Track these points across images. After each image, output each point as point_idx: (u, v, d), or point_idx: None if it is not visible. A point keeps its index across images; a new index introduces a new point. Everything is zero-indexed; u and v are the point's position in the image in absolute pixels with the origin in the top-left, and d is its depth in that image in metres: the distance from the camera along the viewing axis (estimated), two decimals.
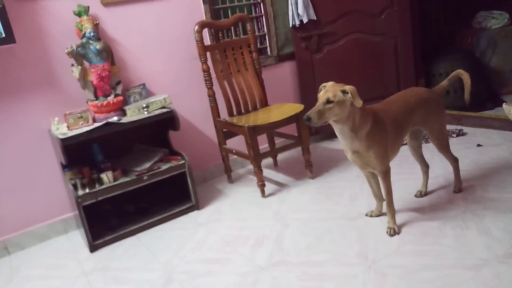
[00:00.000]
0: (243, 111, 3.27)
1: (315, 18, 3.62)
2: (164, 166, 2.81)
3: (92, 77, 2.71)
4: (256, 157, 2.89)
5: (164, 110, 2.80)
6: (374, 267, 1.99)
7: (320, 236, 2.35)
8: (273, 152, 3.32)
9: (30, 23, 2.68)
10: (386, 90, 3.93)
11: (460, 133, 3.53)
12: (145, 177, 2.73)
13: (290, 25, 3.64)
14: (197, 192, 2.98)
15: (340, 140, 2.17)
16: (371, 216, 2.47)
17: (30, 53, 2.70)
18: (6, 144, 2.71)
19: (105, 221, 2.82)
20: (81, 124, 2.63)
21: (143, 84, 3.01)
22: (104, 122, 2.63)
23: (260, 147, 2.97)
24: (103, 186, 2.63)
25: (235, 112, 3.26)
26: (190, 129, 3.35)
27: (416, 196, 2.59)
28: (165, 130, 3.01)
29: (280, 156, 3.69)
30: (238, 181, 3.38)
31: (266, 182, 3.07)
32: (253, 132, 2.85)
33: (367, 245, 2.18)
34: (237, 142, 3.29)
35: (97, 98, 2.75)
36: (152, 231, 2.76)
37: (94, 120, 2.71)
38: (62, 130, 2.60)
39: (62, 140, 2.46)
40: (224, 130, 3.22)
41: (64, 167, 2.70)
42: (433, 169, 2.63)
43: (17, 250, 2.80)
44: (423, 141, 2.58)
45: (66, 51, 2.63)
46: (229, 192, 3.19)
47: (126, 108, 2.77)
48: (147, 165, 2.80)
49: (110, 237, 2.68)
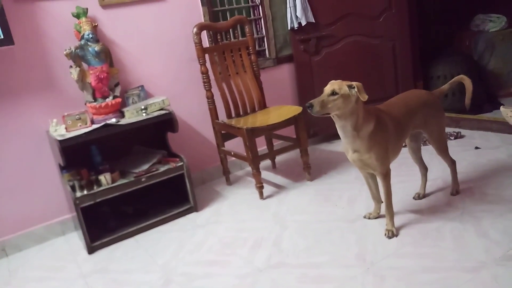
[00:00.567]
0: (242, 113, 3.28)
1: (314, 21, 3.63)
2: (163, 168, 2.81)
3: (91, 79, 2.71)
4: (255, 159, 2.89)
5: (163, 112, 2.80)
6: (373, 269, 1.99)
7: (319, 238, 2.35)
8: (272, 154, 3.32)
9: (29, 25, 2.68)
10: (385, 93, 3.94)
11: (458, 136, 3.54)
12: (143, 179, 2.73)
13: (289, 28, 3.65)
14: (196, 194, 2.98)
15: (342, 139, 2.17)
16: (369, 218, 2.47)
17: (29, 55, 2.70)
18: (4, 146, 2.70)
19: (103, 223, 2.81)
20: (80, 126, 2.62)
21: (142, 86, 3.01)
22: (103, 124, 2.62)
23: (259, 149, 2.97)
24: (101, 188, 2.62)
25: (234, 114, 3.26)
26: (189, 131, 3.35)
27: (415, 199, 2.60)
28: (164, 132, 3.00)
29: (279, 158, 3.69)
30: (237, 183, 3.38)
31: (265, 184, 3.07)
32: (252, 134, 2.85)
33: (366, 247, 2.18)
34: (236, 144, 3.29)
35: (96, 100, 2.75)
36: (151, 233, 2.75)
37: (93, 122, 2.70)
38: (61, 132, 2.60)
39: (60, 142, 2.45)
40: (223, 132, 3.22)
41: (62, 169, 2.70)
42: (432, 171, 2.64)
43: (15, 252, 2.79)
44: (422, 144, 2.58)
45: (65, 53, 2.63)
46: (228, 194, 3.18)
47: (125, 110, 2.77)
48: (146, 167, 2.80)
49: (108, 239, 2.67)
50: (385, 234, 2.25)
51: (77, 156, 2.68)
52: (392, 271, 1.95)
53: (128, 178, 2.72)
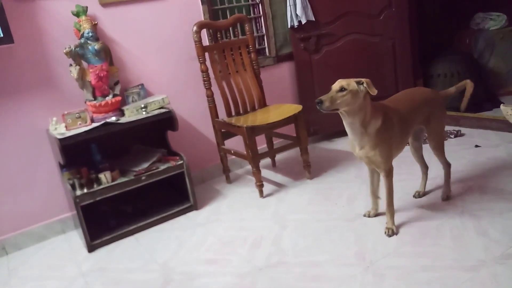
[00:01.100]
0: (242, 112, 3.27)
1: (314, 19, 3.62)
2: (162, 167, 2.81)
3: (91, 77, 2.71)
4: (255, 158, 2.89)
5: (163, 111, 2.80)
6: (372, 268, 1.99)
7: (319, 237, 2.35)
8: (272, 153, 3.32)
9: (29, 23, 2.67)
10: (385, 91, 3.91)
11: (458, 134, 3.54)
12: (143, 177, 2.73)
13: (289, 26, 3.65)
14: (196, 193, 2.98)
15: (349, 136, 2.19)
16: (369, 217, 2.47)
17: (29, 53, 2.70)
18: (4, 144, 2.70)
19: (103, 222, 2.81)
20: (79, 124, 2.62)
21: (142, 84, 3.01)
22: (102, 122, 2.62)
23: (259, 148, 2.97)
24: (101, 186, 2.62)
25: (234, 113, 3.26)
26: (189, 130, 3.35)
27: (415, 197, 2.60)
28: (164, 131, 3.00)
29: (279, 157, 3.69)
30: (237, 182, 3.38)
31: (265, 183, 3.07)
32: (252, 133, 2.85)
33: (366, 246, 2.19)
34: (236, 143, 3.29)
35: (96, 98, 2.75)
36: (150, 232, 2.75)
37: (92, 120, 2.70)
38: (60, 130, 2.60)
39: (60, 140, 2.45)
40: (223, 131, 3.22)
41: (62, 167, 2.70)
42: (431, 170, 2.63)
43: (15, 251, 2.79)
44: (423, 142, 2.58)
45: (65, 51, 2.63)
46: (228, 193, 3.19)
47: (125, 108, 2.77)
48: (145, 165, 2.80)
49: (108, 238, 2.67)
50: (385, 232, 2.26)
51: (77, 155, 2.68)
52: (392, 270, 1.95)
53: (128, 177, 2.72)
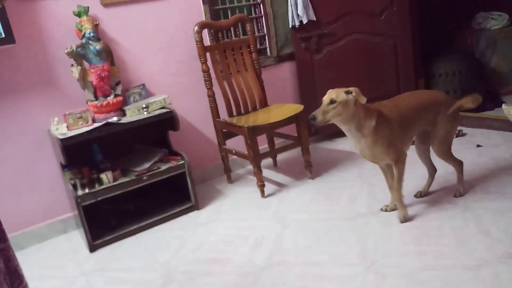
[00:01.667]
0: (243, 112, 3.27)
1: (315, 19, 3.62)
2: (164, 166, 2.81)
3: (92, 78, 2.71)
4: (256, 158, 2.89)
5: (164, 111, 2.80)
6: (374, 268, 1.99)
7: (320, 237, 2.35)
8: (273, 153, 3.32)
9: (30, 24, 2.68)
10: (386, 91, 3.94)
11: (460, 134, 3.53)
12: (145, 177, 2.73)
13: (290, 26, 3.64)
14: (197, 192, 2.97)
15: (348, 138, 2.26)
16: (386, 211, 2.49)
17: (30, 54, 2.70)
18: (6, 144, 2.71)
19: (105, 221, 2.81)
20: (81, 124, 2.62)
21: (143, 85, 3.01)
22: (104, 123, 2.63)
23: (260, 148, 2.97)
24: (103, 186, 2.63)
25: (235, 113, 3.25)
26: (190, 130, 3.35)
27: (416, 197, 2.59)
28: (165, 131, 3.00)
29: (280, 157, 3.69)
30: (238, 182, 3.38)
31: (266, 183, 3.07)
32: (253, 133, 2.85)
33: (367, 246, 2.18)
34: (237, 143, 3.29)
35: (97, 99, 2.75)
36: (152, 231, 2.75)
37: (94, 121, 2.70)
38: (62, 130, 2.60)
39: (62, 140, 2.46)
40: (224, 131, 3.22)
41: (64, 167, 2.70)
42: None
43: (17, 250, 2.76)
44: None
45: (66, 52, 2.63)
46: (229, 193, 3.18)
47: (126, 109, 2.77)
48: (147, 165, 2.80)
49: (110, 237, 2.68)
50: (398, 218, 2.35)
51: (79, 155, 2.68)
52: (393, 270, 1.95)
53: (130, 177, 2.72)
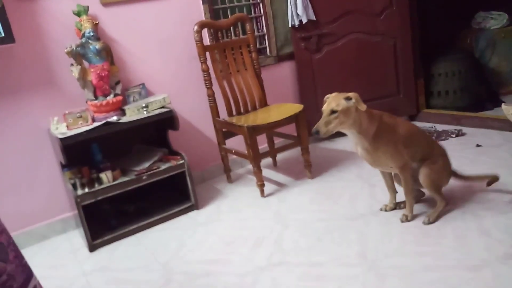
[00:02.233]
0: (243, 111, 3.27)
1: (315, 19, 3.61)
2: (164, 166, 2.80)
3: (92, 77, 2.71)
4: (256, 157, 2.89)
5: (164, 110, 2.79)
6: (374, 268, 1.99)
7: (320, 237, 2.35)
8: (273, 152, 3.32)
9: (30, 23, 2.67)
10: (385, 90, 3.94)
11: (460, 134, 3.54)
12: (144, 177, 2.72)
13: (290, 25, 3.64)
14: (197, 192, 2.97)
15: (351, 140, 2.26)
16: (386, 211, 2.49)
17: (30, 53, 2.69)
18: (6, 144, 2.70)
19: (105, 221, 2.80)
20: (81, 124, 2.62)
21: (143, 84, 3.01)
22: (104, 122, 2.62)
23: (260, 147, 2.97)
24: (103, 186, 2.62)
25: (235, 112, 3.25)
26: (190, 129, 3.34)
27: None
28: (165, 130, 3.00)
29: (280, 156, 3.69)
30: (238, 181, 3.38)
31: (266, 182, 3.07)
32: (253, 132, 2.84)
33: (367, 246, 2.18)
34: (237, 142, 3.29)
35: (97, 98, 2.75)
36: (152, 231, 2.75)
37: (94, 120, 2.70)
38: (62, 130, 2.59)
39: (62, 140, 2.45)
40: (224, 130, 3.22)
41: (64, 167, 2.70)
42: None
43: None
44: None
45: (66, 51, 2.62)
46: (229, 192, 3.18)
47: (126, 108, 2.77)
48: (147, 165, 2.79)
49: (110, 237, 2.67)
50: (400, 219, 2.34)
51: (78, 154, 2.67)
52: (394, 270, 1.95)
53: (129, 176, 2.72)
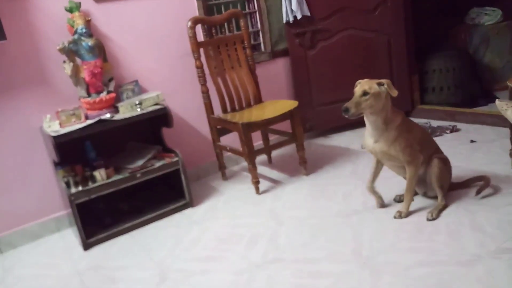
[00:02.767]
0: (237, 108, 3.26)
1: (309, 14, 3.60)
2: (158, 164, 2.79)
3: (84, 74, 2.68)
4: (250, 154, 2.88)
5: (157, 107, 2.78)
6: (369, 264, 2.00)
7: (315, 234, 2.35)
8: (267, 149, 3.32)
9: (21, 20, 2.64)
10: None
11: (454, 129, 3.55)
12: (139, 175, 2.71)
13: (284, 21, 3.63)
14: (191, 190, 2.96)
15: (369, 131, 2.26)
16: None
17: (21, 50, 2.67)
18: None
19: (99, 219, 2.79)
20: (74, 121, 2.60)
21: (136, 81, 2.99)
22: (97, 119, 2.60)
23: (254, 144, 2.96)
24: (96, 184, 2.61)
25: (229, 109, 3.24)
26: (184, 126, 3.33)
27: (395, 201, 2.55)
28: (158, 127, 2.98)
29: (275, 153, 3.68)
30: (232, 178, 3.37)
31: (261, 179, 3.07)
32: (247, 129, 2.84)
33: (362, 242, 2.19)
34: (231, 139, 3.28)
35: (90, 95, 2.73)
36: (146, 229, 2.74)
37: (87, 117, 2.68)
38: (54, 128, 2.57)
39: (54, 138, 2.43)
40: (218, 127, 3.21)
41: (57, 165, 2.68)
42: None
43: (9, 249, 2.77)
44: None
45: (58, 48, 2.60)
46: (223, 190, 3.18)
47: (119, 105, 2.75)
48: (141, 163, 2.78)
49: (104, 235, 2.66)
50: (394, 215, 2.35)
51: (72, 152, 2.66)
52: (388, 266, 1.96)
53: (123, 174, 2.70)
